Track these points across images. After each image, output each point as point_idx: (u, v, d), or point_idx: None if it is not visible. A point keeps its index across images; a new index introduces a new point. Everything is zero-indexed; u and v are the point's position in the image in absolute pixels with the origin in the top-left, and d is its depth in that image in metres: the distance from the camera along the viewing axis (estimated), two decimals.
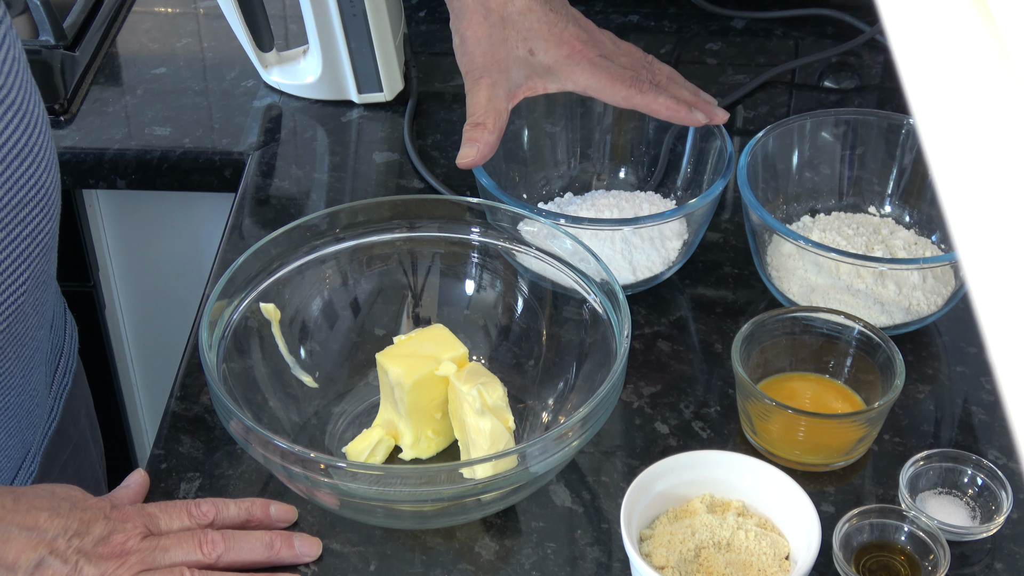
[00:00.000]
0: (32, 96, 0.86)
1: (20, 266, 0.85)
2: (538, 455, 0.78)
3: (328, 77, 1.25)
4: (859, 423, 0.87)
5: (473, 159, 0.99)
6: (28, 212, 0.85)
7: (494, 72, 1.01)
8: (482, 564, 0.84)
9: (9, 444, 0.92)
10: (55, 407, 1.02)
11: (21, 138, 0.83)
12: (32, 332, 0.90)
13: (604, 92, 1.02)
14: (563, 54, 1.02)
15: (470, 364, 0.89)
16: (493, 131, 1.00)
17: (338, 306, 0.97)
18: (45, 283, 0.91)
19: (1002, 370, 0.30)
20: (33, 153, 0.85)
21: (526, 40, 1.01)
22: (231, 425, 0.81)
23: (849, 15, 1.37)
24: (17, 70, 0.84)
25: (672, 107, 1.02)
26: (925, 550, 0.82)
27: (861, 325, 0.91)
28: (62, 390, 1.03)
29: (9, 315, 0.85)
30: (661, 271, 1.02)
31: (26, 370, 0.91)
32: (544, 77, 1.03)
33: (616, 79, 1.01)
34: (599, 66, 1.02)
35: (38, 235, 0.87)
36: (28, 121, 0.84)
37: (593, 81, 1.02)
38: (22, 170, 0.84)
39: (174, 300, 1.36)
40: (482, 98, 1.01)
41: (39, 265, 0.88)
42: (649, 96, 1.02)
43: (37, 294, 0.89)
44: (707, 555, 0.80)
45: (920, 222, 1.06)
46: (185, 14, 1.41)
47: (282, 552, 0.83)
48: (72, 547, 0.78)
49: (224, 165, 1.21)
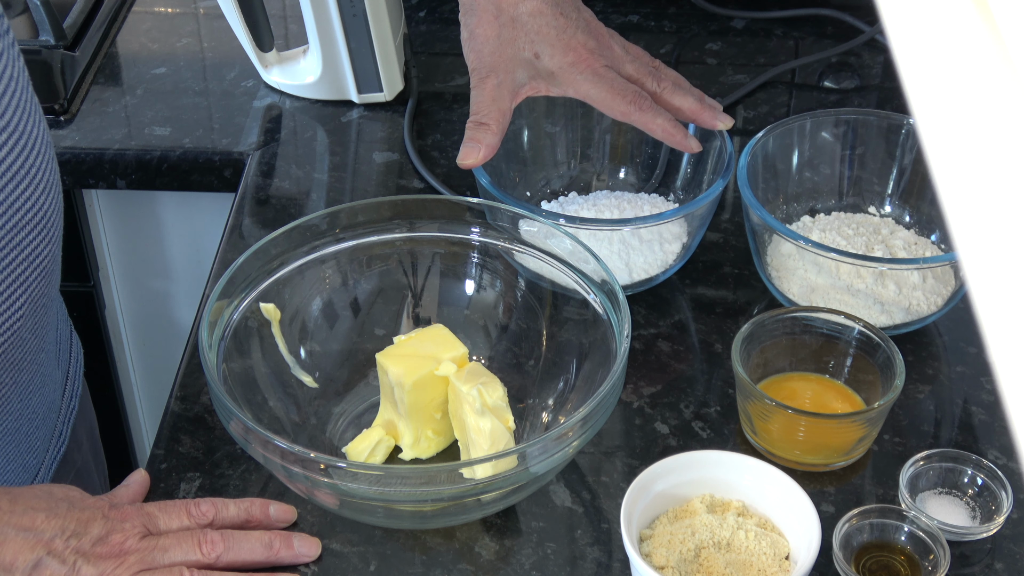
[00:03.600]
0: (32, 117, 0.84)
1: (16, 290, 0.84)
2: (538, 455, 0.78)
3: (328, 77, 1.25)
4: (859, 423, 0.87)
5: (475, 160, 0.99)
6: (25, 236, 0.83)
7: (501, 71, 1.01)
8: (482, 564, 0.84)
9: (8, 469, 0.91)
10: (63, 431, 1.01)
11: (17, 160, 0.82)
12: (31, 357, 0.89)
13: (604, 104, 1.02)
14: (568, 61, 1.02)
15: (470, 364, 0.89)
16: (496, 132, 1.00)
17: (338, 306, 0.97)
18: (45, 307, 0.89)
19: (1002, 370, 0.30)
20: (31, 175, 0.83)
21: (533, 43, 1.01)
22: (231, 425, 0.80)
23: (849, 15, 1.37)
24: (15, 90, 0.82)
25: (668, 131, 1.02)
26: (925, 550, 0.82)
27: (861, 325, 0.91)
28: (69, 414, 1.02)
29: (5, 340, 0.84)
30: (657, 273, 1.02)
31: (24, 395, 0.90)
32: (547, 81, 1.03)
33: (617, 93, 1.01)
34: (602, 77, 1.02)
35: (36, 259, 0.85)
36: (26, 143, 0.82)
37: (594, 92, 1.02)
38: (18, 192, 0.82)
39: (174, 300, 1.36)
40: (487, 97, 1.00)
41: (37, 289, 0.86)
42: (648, 115, 1.02)
43: (35, 318, 0.87)
44: (707, 555, 0.80)
45: (920, 222, 1.06)
46: (185, 14, 1.41)
47: (281, 552, 0.83)
48: (70, 547, 0.78)
49: (224, 165, 1.21)
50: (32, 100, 0.85)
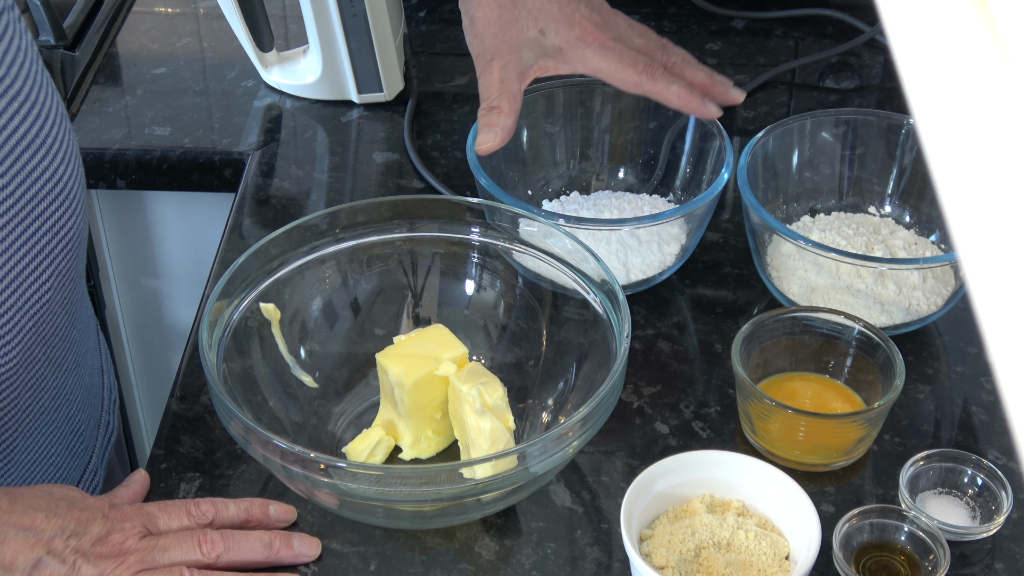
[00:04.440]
0: (43, 88, 0.83)
1: (43, 263, 0.82)
2: (538, 455, 0.78)
3: (328, 77, 1.25)
4: (859, 423, 0.87)
5: (493, 144, 0.98)
6: (47, 206, 0.82)
7: (505, 54, 0.99)
8: (482, 564, 0.84)
9: (54, 452, 0.91)
10: (111, 421, 1.00)
11: (31, 130, 0.81)
12: (63, 333, 0.88)
13: (615, 76, 1.00)
14: (574, 35, 0.99)
15: (470, 364, 0.89)
16: (510, 114, 0.98)
17: (338, 306, 0.97)
18: (74, 281, 0.88)
19: (1002, 370, 0.30)
20: (46, 145, 0.82)
21: (537, 20, 0.99)
22: (231, 425, 0.80)
23: (849, 15, 1.37)
24: (23, 61, 0.82)
25: (684, 97, 1.00)
26: (925, 550, 0.82)
27: (861, 325, 0.91)
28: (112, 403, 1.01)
29: (35, 314, 0.83)
30: (656, 274, 1.02)
31: (59, 373, 0.89)
32: (555, 58, 1.00)
33: (628, 64, 0.99)
34: (611, 49, 0.99)
35: (60, 231, 0.84)
36: (38, 112, 0.82)
37: (604, 64, 0.99)
38: (34, 163, 0.81)
39: (174, 300, 1.36)
40: (495, 81, 0.99)
41: (64, 263, 0.85)
42: (661, 84, 0.99)
43: (65, 293, 0.86)
44: (707, 555, 0.80)
45: (920, 222, 1.06)
46: (185, 14, 1.41)
47: (281, 552, 0.83)
48: (70, 547, 0.78)
49: (224, 165, 1.21)
50: (43, 73, 0.85)
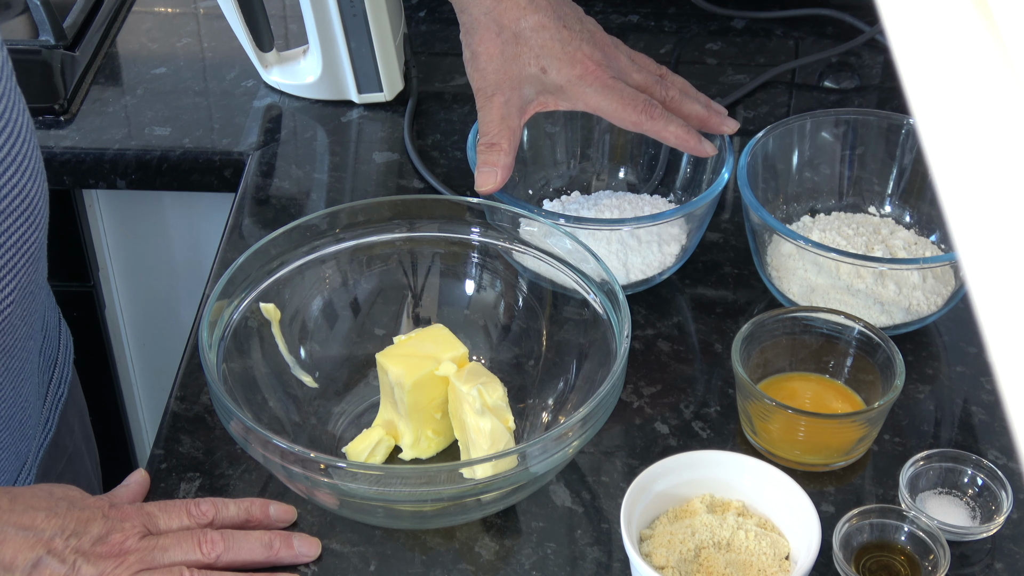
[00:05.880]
0: (16, 104, 0.84)
1: (5, 276, 0.84)
2: (538, 455, 0.78)
3: (328, 77, 1.25)
4: (859, 423, 0.87)
5: (494, 185, 0.99)
6: (12, 222, 0.83)
7: (507, 89, 1.00)
8: (482, 564, 0.84)
9: (2, 457, 0.92)
10: (51, 418, 1.01)
11: (3, 147, 0.82)
12: (21, 343, 0.89)
13: (615, 115, 1.01)
14: (576, 74, 1.00)
15: (470, 364, 0.89)
16: (509, 152, 0.99)
17: (338, 306, 0.97)
18: (33, 293, 0.89)
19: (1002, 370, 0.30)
20: (16, 162, 0.83)
21: (539, 58, 1.00)
22: (231, 425, 0.80)
23: (849, 15, 1.37)
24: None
25: (682, 136, 1.02)
26: (925, 550, 0.82)
27: (861, 325, 0.91)
28: (57, 401, 1.02)
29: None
30: (656, 274, 1.02)
31: (16, 382, 0.90)
32: (556, 95, 1.02)
33: (628, 103, 1.01)
34: (611, 88, 1.01)
35: (23, 245, 0.85)
36: (11, 129, 0.83)
37: (604, 103, 1.01)
38: (5, 179, 0.82)
39: (174, 300, 1.36)
40: (496, 116, 1.00)
41: (26, 275, 0.86)
42: (659, 123, 1.01)
43: (25, 305, 0.87)
44: (707, 555, 0.80)
45: (920, 222, 1.06)
46: (185, 14, 1.41)
47: (281, 552, 0.83)
48: (70, 547, 0.78)
49: (224, 165, 1.21)
50: (15, 88, 0.85)
